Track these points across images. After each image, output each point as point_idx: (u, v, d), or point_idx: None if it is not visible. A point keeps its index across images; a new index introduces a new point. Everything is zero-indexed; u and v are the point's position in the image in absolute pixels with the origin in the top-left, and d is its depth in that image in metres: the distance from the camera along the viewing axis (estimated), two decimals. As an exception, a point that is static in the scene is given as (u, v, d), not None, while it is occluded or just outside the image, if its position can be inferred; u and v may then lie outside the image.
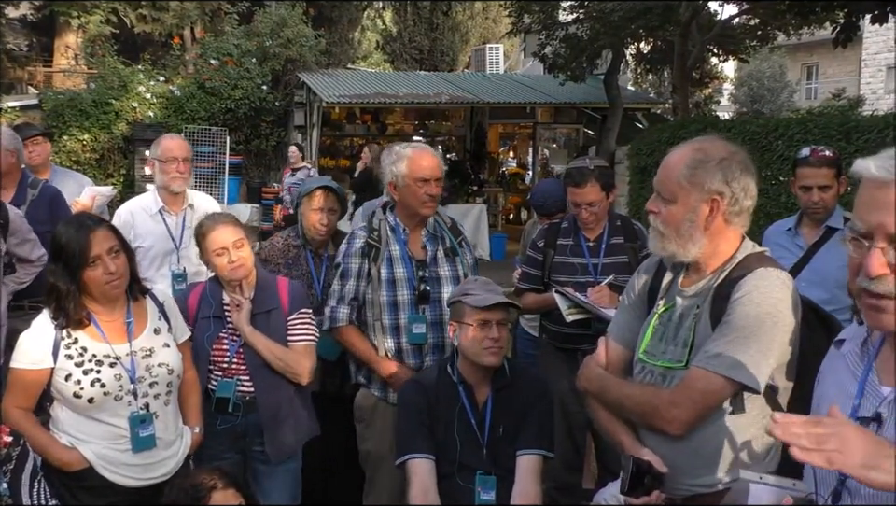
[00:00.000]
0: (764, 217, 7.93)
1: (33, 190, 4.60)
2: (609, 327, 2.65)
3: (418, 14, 25.30)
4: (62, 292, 2.85)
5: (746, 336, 2.18)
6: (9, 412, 2.93)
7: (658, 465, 2.24)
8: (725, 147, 2.32)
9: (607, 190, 4.12)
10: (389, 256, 3.65)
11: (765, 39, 14.77)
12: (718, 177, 2.26)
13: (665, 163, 2.35)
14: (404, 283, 3.63)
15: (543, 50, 14.23)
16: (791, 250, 3.95)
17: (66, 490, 2.95)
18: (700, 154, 2.28)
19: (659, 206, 2.32)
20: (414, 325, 3.61)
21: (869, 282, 1.49)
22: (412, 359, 3.63)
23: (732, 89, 31.23)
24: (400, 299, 3.62)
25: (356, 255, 3.66)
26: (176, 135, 4.97)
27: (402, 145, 3.78)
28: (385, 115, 17.37)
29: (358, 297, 3.66)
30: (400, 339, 3.63)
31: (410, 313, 3.62)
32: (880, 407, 1.54)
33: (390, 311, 3.63)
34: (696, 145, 2.33)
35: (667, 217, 2.30)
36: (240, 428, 3.39)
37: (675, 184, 2.28)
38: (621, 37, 13.06)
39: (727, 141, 2.38)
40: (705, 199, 2.27)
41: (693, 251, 2.31)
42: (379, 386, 3.70)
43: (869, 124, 7.55)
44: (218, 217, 3.54)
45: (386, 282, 3.62)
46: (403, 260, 3.65)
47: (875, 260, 1.47)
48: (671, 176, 2.29)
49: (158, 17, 18.80)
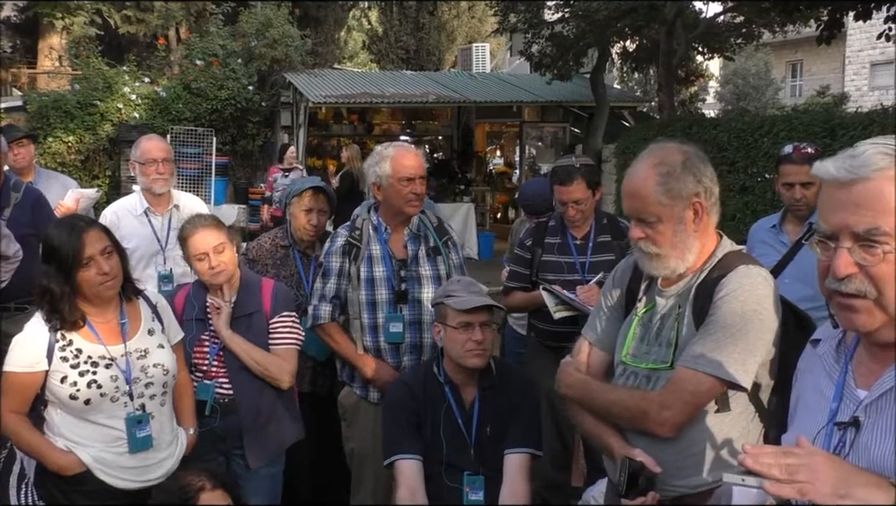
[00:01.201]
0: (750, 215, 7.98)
1: (16, 193, 4.56)
2: (585, 330, 2.64)
3: (404, 14, 25.28)
4: (55, 294, 2.84)
5: (732, 334, 2.19)
6: (4, 416, 2.90)
7: (651, 465, 2.23)
8: (678, 149, 2.34)
9: (593, 188, 4.14)
10: (369, 255, 3.66)
11: (750, 37, 14.82)
12: (690, 180, 2.28)
13: (631, 191, 2.32)
14: (383, 282, 3.64)
15: (530, 49, 14.25)
16: (775, 247, 3.97)
17: (61, 494, 2.92)
18: (663, 167, 2.28)
19: (644, 231, 2.31)
20: (391, 324, 3.61)
21: (838, 283, 1.48)
22: (389, 358, 3.64)
23: (717, 87, 31.34)
24: (379, 298, 3.63)
25: (336, 253, 3.68)
26: (155, 136, 4.92)
27: (384, 145, 3.78)
28: (371, 115, 17.35)
29: (340, 295, 3.67)
30: (378, 338, 3.64)
31: (388, 312, 3.62)
32: (857, 411, 1.53)
33: (368, 310, 3.63)
34: (652, 161, 2.31)
35: (656, 237, 2.29)
36: (219, 431, 3.38)
37: (655, 205, 2.27)
38: (606, 36, 13.08)
39: (671, 141, 2.40)
40: (686, 205, 2.28)
41: (691, 257, 2.33)
42: (360, 384, 3.71)
43: (853, 121, 7.60)
44: (200, 220, 3.51)
45: (365, 281, 3.63)
46: (384, 260, 3.66)
47: (842, 261, 1.47)
48: (648, 199, 2.27)
49: (142, 18, 18.68)
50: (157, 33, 18.74)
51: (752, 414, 2.31)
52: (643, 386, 2.34)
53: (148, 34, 18.96)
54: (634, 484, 2.22)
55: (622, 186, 2.39)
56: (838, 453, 1.54)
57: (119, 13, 18.74)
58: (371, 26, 27.41)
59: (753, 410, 2.30)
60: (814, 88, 29.42)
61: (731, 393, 2.24)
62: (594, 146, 13.60)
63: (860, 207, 1.45)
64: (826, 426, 1.59)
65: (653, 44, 13.73)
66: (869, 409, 1.52)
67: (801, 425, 1.69)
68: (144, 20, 18.67)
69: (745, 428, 2.29)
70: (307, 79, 15.21)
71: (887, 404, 1.49)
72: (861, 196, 1.45)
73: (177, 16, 18.59)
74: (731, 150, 8.94)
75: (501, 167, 18.66)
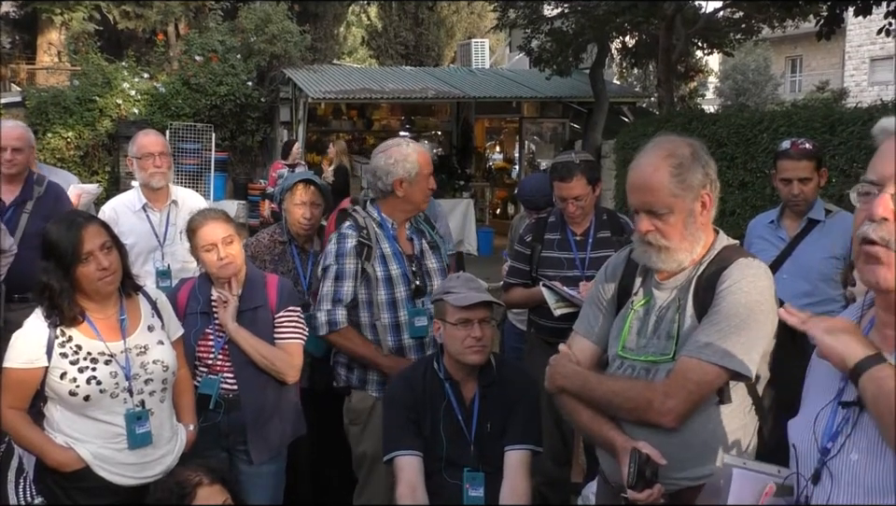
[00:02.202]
0: (750, 210, 7.97)
1: (38, 188, 4.59)
2: (577, 324, 2.64)
3: (403, 9, 25.27)
4: (55, 290, 2.84)
5: (736, 324, 2.20)
6: (3, 412, 2.91)
7: (657, 457, 2.22)
8: (685, 142, 2.35)
9: (593, 184, 4.13)
10: (382, 253, 3.61)
11: (749, 32, 14.79)
12: (700, 172, 2.30)
13: (642, 183, 2.32)
14: (400, 279, 3.60)
15: (529, 44, 14.24)
16: (773, 243, 3.98)
17: (61, 490, 2.92)
18: (674, 159, 2.29)
19: (654, 223, 2.30)
20: (416, 318, 3.58)
21: (870, 225, 1.52)
22: (414, 355, 3.59)
23: (717, 82, 31.31)
24: (398, 296, 3.59)
25: (350, 255, 3.57)
26: (151, 131, 4.92)
27: (394, 142, 3.73)
28: (371, 110, 17.33)
29: (354, 298, 3.60)
30: (401, 336, 3.60)
31: (409, 308, 3.60)
32: None
33: (389, 309, 3.59)
34: (662, 153, 2.31)
35: (667, 230, 2.30)
36: (223, 427, 3.37)
37: (668, 197, 2.27)
38: (606, 31, 13.07)
39: (674, 136, 2.41)
40: (696, 197, 2.30)
41: (699, 249, 2.34)
42: (376, 386, 3.64)
43: (853, 116, 7.58)
44: (209, 212, 3.52)
45: (383, 280, 3.58)
46: (396, 257, 3.63)
47: (882, 203, 1.51)
48: (661, 191, 2.27)
49: (141, 13, 18.64)
50: (156, 28, 18.71)
51: (749, 405, 2.32)
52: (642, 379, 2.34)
53: (147, 29, 18.92)
54: (641, 476, 2.21)
55: (629, 179, 2.37)
56: (841, 431, 1.57)
57: (118, 9, 18.69)
58: (370, 22, 27.43)
59: (750, 402, 2.31)
60: (813, 83, 29.38)
61: (731, 384, 2.25)
62: (593, 141, 13.59)
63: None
64: (831, 403, 1.62)
65: (653, 39, 13.70)
66: None
67: (810, 405, 1.72)
68: (143, 15, 18.62)
69: (743, 421, 2.29)
70: (306, 75, 15.21)
71: None
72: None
73: (176, 11, 18.57)
74: (730, 146, 8.93)
75: (500, 163, 18.65)
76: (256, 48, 15.56)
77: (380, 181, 3.62)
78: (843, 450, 1.54)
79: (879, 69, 29.57)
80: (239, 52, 15.57)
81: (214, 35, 15.79)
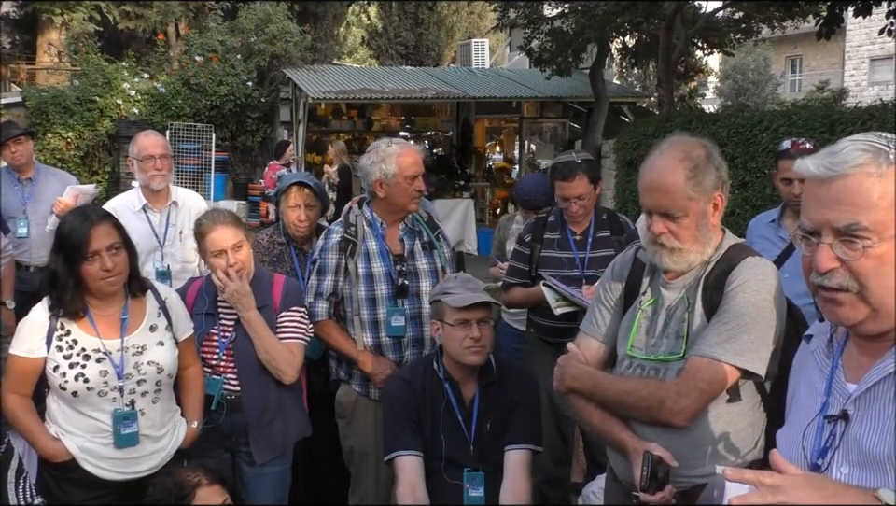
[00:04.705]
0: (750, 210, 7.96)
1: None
2: (584, 324, 2.64)
3: (403, 9, 25.30)
4: (60, 282, 2.87)
5: (746, 323, 2.22)
6: (5, 397, 2.96)
7: (669, 459, 2.22)
8: (698, 143, 2.36)
9: (594, 183, 4.14)
10: (366, 251, 3.65)
11: (749, 32, 14.78)
12: (713, 174, 2.31)
13: (659, 186, 2.31)
14: (382, 277, 3.63)
15: (529, 44, 14.23)
16: (774, 242, 3.97)
17: (52, 480, 2.97)
18: (689, 161, 2.29)
19: (668, 225, 2.30)
20: (393, 317, 3.61)
21: (821, 277, 1.51)
22: (391, 353, 3.63)
23: (716, 82, 31.30)
24: (378, 293, 3.62)
25: (332, 250, 3.65)
26: (152, 132, 4.92)
27: (385, 142, 3.75)
28: (371, 110, 17.32)
29: (337, 292, 3.66)
30: (379, 333, 3.63)
31: (388, 306, 3.62)
32: (846, 404, 1.55)
33: (368, 306, 3.63)
34: (678, 155, 2.31)
35: (680, 231, 2.30)
36: (225, 428, 3.37)
37: (683, 200, 2.28)
38: (606, 31, 13.06)
39: (687, 136, 2.41)
40: (710, 199, 2.31)
41: (710, 251, 2.35)
42: (359, 381, 3.70)
43: (852, 116, 7.56)
44: (218, 216, 3.45)
45: (364, 277, 3.62)
46: (381, 255, 3.65)
47: (824, 256, 1.50)
48: (678, 194, 2.27)
49: (141, 13, 18.66)
50: (156, 29, 18.73)
51: (758, 403, 2.32)
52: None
53: (147, 29, 18.94)
54: (654, 478, 2.22)
55: (643, 180, 2.37)
56: (828, 446, 1.56)
57: (118, 9, 18.72)
58: (370, 22, 27.45)
59: (759, 399, 2.32)
60: (813, 83, 29.39)
61: (741, 382, 2.26)
62: (593, 141, 13.58)
63: (839, 203, 1.48)
64: (816, 418, 1.61)
65: (653, 39, 13.69)
66: (858, 402, 1.54)
67: (795, 420, 1.71)
68: (143, 15, 18.65)
69: (752, 419, 2.31)
70: (306, 75, 15.20)
71: (875, 397, 1.51)
72: (841, 192, 1.48)
73: (176, 12, 18.59)
74: (730, 146, 8.92)
75: (501, 163, 18.62)
76: (256, 48, 15.55)
77: (364, 182, 3.70)
78: (833, 464, 1.54)
79: (879, 69, 29.57)
80: (239, 52, 15.57)
81: (214, 35, 15.79)
